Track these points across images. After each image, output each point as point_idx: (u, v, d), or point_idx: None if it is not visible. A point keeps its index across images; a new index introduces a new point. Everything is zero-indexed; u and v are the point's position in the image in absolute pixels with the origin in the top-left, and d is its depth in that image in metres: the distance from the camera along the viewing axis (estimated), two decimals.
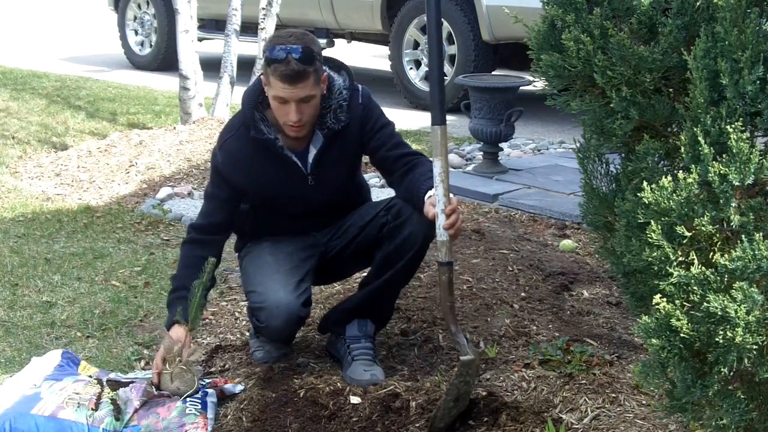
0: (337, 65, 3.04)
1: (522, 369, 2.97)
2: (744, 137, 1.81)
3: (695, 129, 1.89)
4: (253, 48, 7.47)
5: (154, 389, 2.82)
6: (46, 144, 6.75)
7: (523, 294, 3.62)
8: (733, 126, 1.81)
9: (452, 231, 2.68)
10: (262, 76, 2.91)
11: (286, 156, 2.96)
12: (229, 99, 7.04)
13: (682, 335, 1.88)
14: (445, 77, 8.06)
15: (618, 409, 2.70)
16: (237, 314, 3.63)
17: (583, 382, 2.83)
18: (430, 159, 2.80)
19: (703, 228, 1.88)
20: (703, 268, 1.85)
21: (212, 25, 9.80)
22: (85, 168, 6.03)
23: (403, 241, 2.96)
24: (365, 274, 3.22)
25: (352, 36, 9.30)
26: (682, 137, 1.93)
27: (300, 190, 2.98)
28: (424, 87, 8.32)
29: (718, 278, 1.84)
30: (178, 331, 2.89)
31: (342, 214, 3.13)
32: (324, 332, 3.28)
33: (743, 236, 1.82)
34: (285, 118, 2.85)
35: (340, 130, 2.97)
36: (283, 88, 2.79)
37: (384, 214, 3.02)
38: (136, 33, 10.60)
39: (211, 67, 7.99)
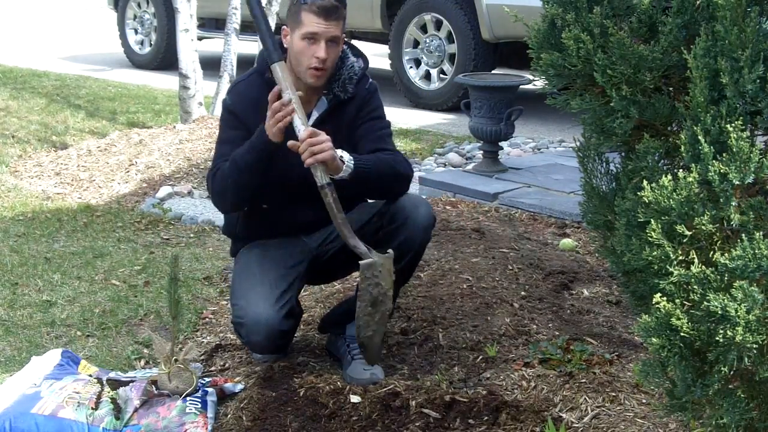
0: (354, 50, 3.11)
1: (522, 368, 2.97)
2: (744, 136, 1.81)
3: (695, 128, 1.89)
4: (253, 47, 7.47)
5: (154, 388, 2.82)
6: (45, 143, 6.75)
7: (523, 293, 3.62)
8: (733, 125, 1.81)
9: (308, 158, 2.76)
10: (284, 27, 2.94)
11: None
12: None
13: (682, 334, 1.88)
14: (445, 76, 8.11)
15: (618, 408, 2.70)
16: None
17: (583, 381, 2.83)
18: (409, 162, 2.96)
19: (703, 227, 1.88)
20: (704, 267, 1.85)
21: (212, 24, 9.80)
22: (85, 167, 6.03)
23: (399, 245, 2.95)
24: None
25: (352, 35, 9.29)
26: (683, 136, 1.93)
27: (296, 153, 2.90)
28: (424, 86, 8.33)
29: (719, 277, 1.84)
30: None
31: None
32: (324, 332, 3.28)
33: (743, 235, 1.82)
34: (311, 58, 2.86)
35: (343, 100, 2.99)
36: (318, 22, 2.84)
37: (378, 219, 3.00)
38: (136, 32, 10.60)
39: (211, 66, 7.99)
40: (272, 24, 6.97)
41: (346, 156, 2.84)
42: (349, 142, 2.98)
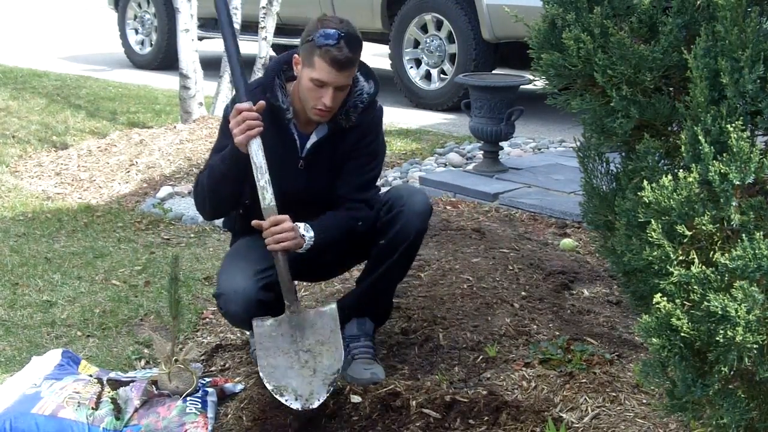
0: (367, 71, 3.03)
1: (522, 368, 2.97)
2: (744, 136, 1.81)
3: (696, 128, 1.89)
4: (254, 47, 7.46)
5: (154, 388, 2.82)
6: (46, 143, 6.75)
7: (523, 293, 3.62)
8: (733, 125, 1.81)
9: (272, 245, 2.80)
10: (296, 56, 2.90)
11: (290, 131, 2.95)
12: (230, 98, 7.04)
13: (682, 334, 1.88)
14: (446, 76, 8.11)
15: (618, 408, 2.70)
16: None
17: (584, 381, 2.83)
18: (370, 214, 2.96)
19: (703, 227, 1.87)
20: (704, 267, 1.85)
21: (212, 24, 9.78)
22: (86, 167, 6.03)
23: (395, 234, 2.96)
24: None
25: None
26: (683, 136, 1.93)
27: (289, 170, 2.94)
28: (424, 86, 8.33)
29: (719, 277, 1.84)
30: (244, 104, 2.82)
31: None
32: None
33: (743, 235, 1.82)
34: (317, 101, 2.82)
35: (345, 128, 2.95)
36: (329, 72, 2.78)
37: (376, 211, 3.02)
38: (137, 32, 10.60)
39: (212, 66, 7.99)
40: (273, 24, 6.98)
41: (308, 235, 2.84)
42: (338, 169, 2.98)
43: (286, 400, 2.75)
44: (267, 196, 2.78)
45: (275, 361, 2.79)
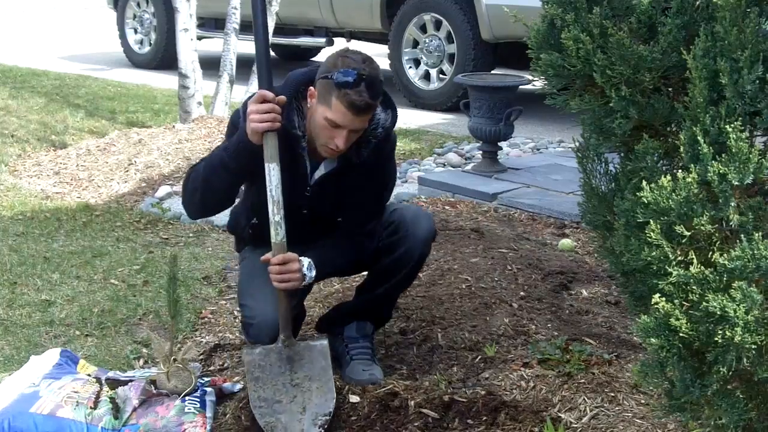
0: (386, 101, 2.85)
1: (521, 368, 2.97)
2: (743, 137, 1.81)
3: (694, 128, 1.89)
4: (253, 47, 7.46)
5: (153, 388, 2.82)
6: (45, 142, 6.75)
7: (522, 293, 3.62)
8: (732, 125, 1.81)
9: (276, 283, 2.75)
10: (312, 88, 2.75)
11: (302, 158, 2.83)
12: (229, 98, 7.04)
13: (681, 335, 1.88)
14: (445, 76, 8.11)
15: (617, 408, 2.70)
16: (236, 313, 3.62)
17: (582, 381, 2.83)
18: (372, 247, 2.93)
19: (702, 227, 1.88)
20: (702, 267, 1.85)
21: (212, 23, 9.80)
22: (84, 166, 6.03)
23: (399, 257, 2.96)
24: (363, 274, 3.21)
25: (352, 35, 9.30)
26: (682, 137, 1.93)
27: (297, 193, 2.85)
28: (423, 86, 8.33)
29: (717, 278, 1.84)
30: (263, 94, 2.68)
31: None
32: (322, 332, 3.28)
33: (742, 236, 1.82)
34: (329, 140, 2.70)
35: (354, 164, 2.83)
36: (345, 115, 2.64)
37: (381, 229, 2.98)
38: (136, 31, 10.60)
39: (211, 65, 7.99)
40: (271, 24, 6.97)
41: (309, 275, 2.80)
42: (344, 197, 2.91)
43: None
44: (280, 232, 2.72)
45: (264, 393, 2.76)
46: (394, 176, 3.07)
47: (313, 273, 2.81)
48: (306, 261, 2.79)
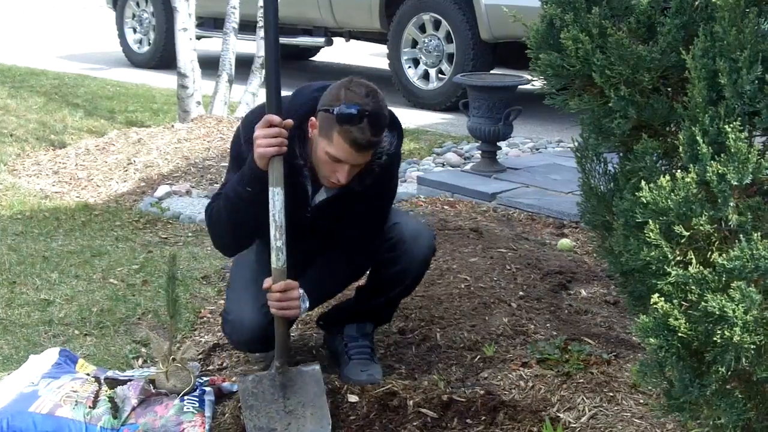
0: (392, 122, 2.75)
1: (520, 368, 2.97)
2: (742, 137, 1.81)
3: (693, 128, 1.89)
4: (252, 46, 7.46)
5: (151, 387, 2.82)
6: (44, 142, 6.74)
7: (521, 293, 3.62)
8: (731, 125, 1.81)
9: (275, 310, 2.73)
10: (312, 118, 2.68)
11: (304, 182, 2.79)
12: (228, 97, 7.04)
13: (680, 334, 1.88)
14: (444, 76, 8.11)
15: (615, 408, 2.70)
16: None
17: (581, 381, 2.83)
18: (369, 266, 2.94)
19: (701, 227, 1.88)
20: (701, 267, 1.86)
21: (211, 23, 9.79)
22: (84, 166, 6.03)
23: (397, 273, 2.96)
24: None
25: (351, 35, 9.30)
26: (681, 137, 1.93)
27: (297, 214, 2.80)
28: (422, 85, 8.34)
29: (716, 278, 1.84)
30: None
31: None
32: (321, 329, 3.28)
33: (741, 236, 1.82)
34: (330, 174, 2.66)
35: (356, 191, 2.77)
36: (347, 152, 2.58)
37: (379, 243, 2.95)
38: (135, 31, 10.60)
39: (210, 65, 7.98)
40: None
41: (303, 306, 2.78)
42: (345, 219, 2.87)
43: None
44: (281, 257, 2.69)
45: (259, 422, 2.72)
46: (395, 191, 3.01)
47: (307, 305, 2.80)
48: (300, 292, 2.77)
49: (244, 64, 7.61)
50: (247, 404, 2.75)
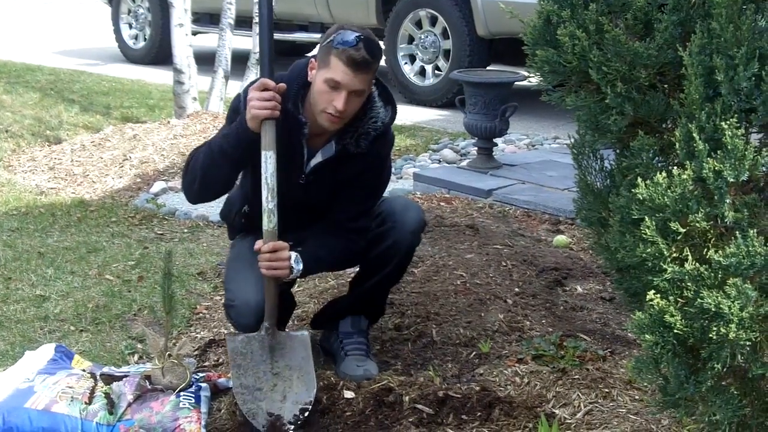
0: (387, 97, 2.91)
1: (515, 364, 2.97)
2: (739, 134, 1.81)
3: (690, 125, 1.89)
4: (248, 42, 7.45)
5: (147, 383, 2.82)
6: (39, 138, 6.73)
7: (516, 289, 3.63)
8: (728, 122, 1.81)
9: (265, 270, 2.76)
10: (312, 60, 2.80)
11: (300, 144, 2.85)
12: (224, 93, 7.03)
13: (675, 331, 1.89)
14: (440, 72, 8.11)
15: (611, 404, 2.70)
16: None
17: (577, 377, 2.83)
18: (361, 246, 2.93)
19: (697, 224, 1.88)
20: (697, 264, 1.86)
21: (207, 18, 9.77)
22: (79, 162, 6.02)
23: (387, 248, 2.96)
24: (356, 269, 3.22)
25: None
26: (677, 133, 1.93)
27: (290, 182, 2.85)
28: (418, 82, 8.33)
29: (712, 274, 1.84)
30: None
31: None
32: (317, 328, 3.28)
33: (737, 232, 1.82)
34: (328, 104, 2.71)
35: (352, 153, 2.85)
36: (345, 72, 2.67)
37: (370, 222, 2.98)
38: (130, 26, 10.58)
39: (206, 61, 7.97)
40: None
41: (296, 268, 2.80)
42: (339, 189, 2.92)
43: (256, 424, 2.69)
44: (273, 219, 2.73)
45: (246, 380, 2.76)
46: (388, 176, 3.08)
47: (300, 266, 2.82)
48: (293, 254, 2.80)
49: (240, 60, 7.60)
50: (236, 363, 2.79)
